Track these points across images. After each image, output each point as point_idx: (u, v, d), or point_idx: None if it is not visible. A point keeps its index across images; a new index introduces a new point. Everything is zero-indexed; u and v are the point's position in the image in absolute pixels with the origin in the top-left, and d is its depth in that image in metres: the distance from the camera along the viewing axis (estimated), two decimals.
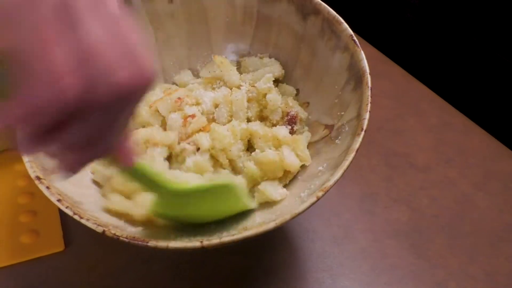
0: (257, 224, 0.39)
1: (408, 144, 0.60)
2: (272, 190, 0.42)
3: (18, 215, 0.51)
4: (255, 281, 0.47)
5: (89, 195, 0.44)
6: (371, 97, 0.40)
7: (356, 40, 0.43)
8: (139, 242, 0.35)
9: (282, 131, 0.45)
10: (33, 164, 0.39)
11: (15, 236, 0.50)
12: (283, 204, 0.42)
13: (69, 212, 0.37)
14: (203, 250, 0.34)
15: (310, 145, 0.47)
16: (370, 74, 0.41)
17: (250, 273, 0.48)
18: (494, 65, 0.76)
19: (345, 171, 0.37)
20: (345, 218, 0.53)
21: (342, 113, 0.44)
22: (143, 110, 0.48)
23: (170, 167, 0.46)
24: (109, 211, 0.42)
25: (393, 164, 0.58)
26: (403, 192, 0.55)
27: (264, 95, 0.48)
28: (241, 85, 0.49)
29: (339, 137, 0.43)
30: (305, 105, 0.50)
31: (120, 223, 0.41)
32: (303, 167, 0.46)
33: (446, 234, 0.51)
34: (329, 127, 0.46)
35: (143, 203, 0.42)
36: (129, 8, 0.49)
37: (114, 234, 0.35)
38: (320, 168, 0.42)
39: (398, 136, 0.61)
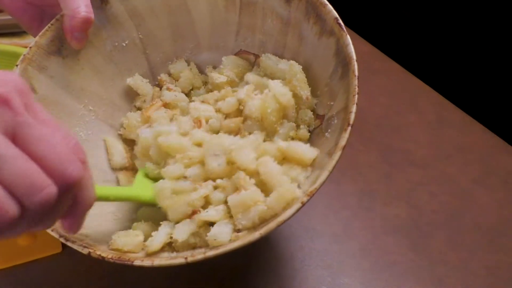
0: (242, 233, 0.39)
1: (406, 141, 0.60)
2: None
3: None
4: (253, 280, 0.47)
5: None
6: (358, 87, 0.38)
7: (342, 24, 0.42)
8: (125, 262, 0.35)
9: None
10: None
11: (12, 238, 0.49)
12: None
13: (55, 234, 0.36)
14: (188, 265, 0.34)
15: None
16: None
17: (249, 271, 0.48)
18: (491, 60, 0.76)
19: (330, 172, 0.35)
20: (344, 215, 0.53)
21: (332, 103, 0.43)
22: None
23: None
24: None
25: (392, 161, 0.58)
26: (402, 188, 0.55)
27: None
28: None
29: (329, 130, 0.42)
30: None
31: (112, 234, 0.40)
32: None
33: (446, 230, 0.51)
34: (320, 118, 0.45)
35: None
36: (107, 7, 0.49)
37: (100, 255, 0.35)
38: None
39: (396, 132, 0.61)
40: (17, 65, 0.44)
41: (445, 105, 0.65)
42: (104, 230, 0.42)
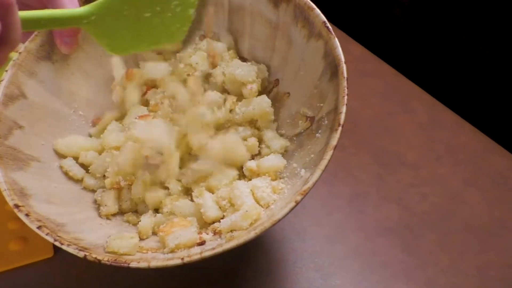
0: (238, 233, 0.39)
1: (398, 142, 0.60)
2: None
3: (6, 222, 0.51)
4: (245, 282, 0.47)
5: (77, 212, 0.43)
6: (348, 88, 0.39)
7: (330, 27, 0.43)
8: (121, 264, 0.35)
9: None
10: (11, 192, 0.38)
11: (3, 243, 0.49)
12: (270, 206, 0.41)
13: (49, 238, 0.36)
14: (182, 269, 0.35)
15: (294, 137, 0.47)
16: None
17: (241, 274, 0.48)
18: (483, 62, 0.77)
19: (323, 171, 0.36)
20: (335, 217, 0.53)
21: (321, 104, 0.43)
22: None
23: None
24: None
25: (384, 162, 0.58)
26: (393, 190, 0.55)
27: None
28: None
29: (319, 130, 0.42)
30: (286, 95, 0.49)
31: (105, 237, 0.41)
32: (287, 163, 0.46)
33: (437, 231, 0.51)
34: (310, 119, 0.45)
35: None
36: None
37: (96, 258, 0.35)
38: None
39: (388, 134, 0.61)
40: (6, 71, 0.44)
41: (437, 107, 0.65)
42: (97, 234, 0.42)
